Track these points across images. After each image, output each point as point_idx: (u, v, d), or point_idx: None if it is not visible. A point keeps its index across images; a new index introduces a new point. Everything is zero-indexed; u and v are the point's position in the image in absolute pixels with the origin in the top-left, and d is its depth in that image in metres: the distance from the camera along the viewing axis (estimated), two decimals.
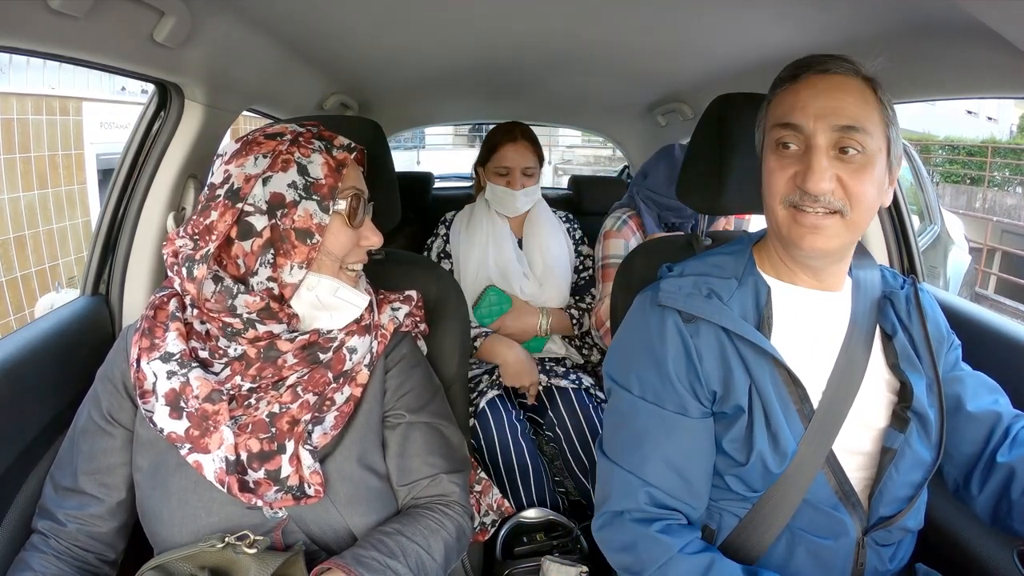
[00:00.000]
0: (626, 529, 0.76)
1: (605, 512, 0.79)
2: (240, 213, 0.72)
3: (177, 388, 0.73)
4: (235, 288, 0.72)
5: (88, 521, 0.77)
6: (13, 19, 0.69)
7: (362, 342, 0.82)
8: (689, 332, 0.78)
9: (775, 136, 0.75)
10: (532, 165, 1.60)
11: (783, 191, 0.74)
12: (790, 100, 0.74)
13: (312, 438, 0.76)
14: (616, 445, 0.81)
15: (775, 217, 0.76)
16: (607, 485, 0.80)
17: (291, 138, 0.77)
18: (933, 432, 0.78)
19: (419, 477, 0.83)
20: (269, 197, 0.73)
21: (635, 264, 1.05)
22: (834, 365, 0.77)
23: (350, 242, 0.79)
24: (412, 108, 2.32)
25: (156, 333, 0.77)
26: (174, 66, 1.01)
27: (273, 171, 0.74)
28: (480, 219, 1.62)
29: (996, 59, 0.81)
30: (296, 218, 0.74)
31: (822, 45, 1.03)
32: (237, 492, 0.71)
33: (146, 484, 0.76)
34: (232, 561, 0.71)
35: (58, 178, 4.62)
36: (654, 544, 0.74)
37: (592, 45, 1.33)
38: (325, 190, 0.75)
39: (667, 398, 0.77)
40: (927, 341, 0.80)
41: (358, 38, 1.29)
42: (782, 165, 0.74)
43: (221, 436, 0.72)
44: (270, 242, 0.74)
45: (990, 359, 0.98)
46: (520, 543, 1.16)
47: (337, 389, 0.80)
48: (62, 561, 0.75)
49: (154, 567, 0.73)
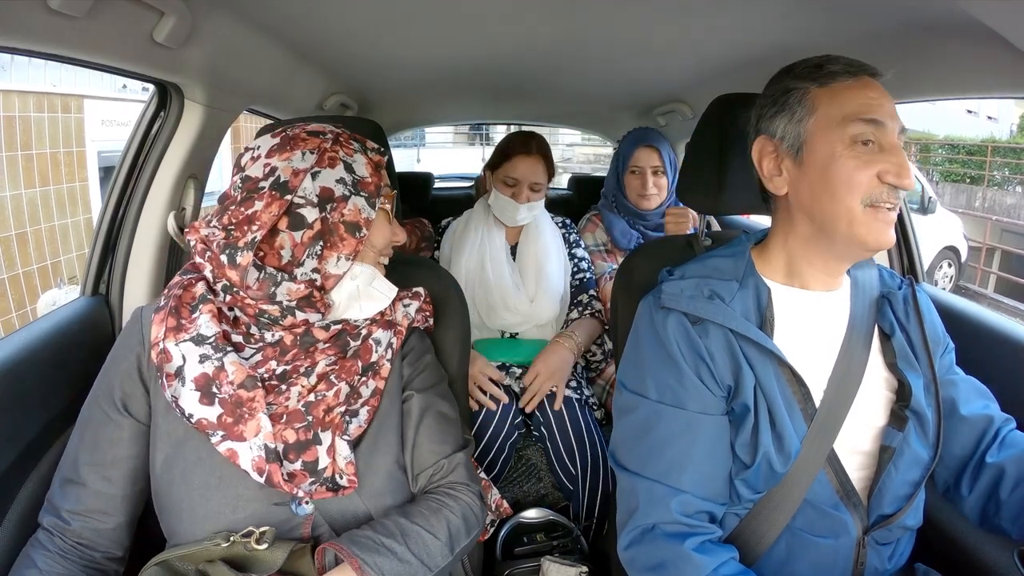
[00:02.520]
0: (658, 546, 0.73)
1: (634, 528, 0.75)
2: (290, 205, 0.75)
3: (210, 373, 0.72)
4: (279, 276, 0.75)
5: (92, 517, 0.75)
6: (13, 19, 0.69)
7: (385, 335, 0.86)
8: (698, 333, 0.77)
9: (853, 131, 0.72)
10: (541, 181, 1.56)
11: (867, 188, 0.72)
12: (860, 97, 0.73)
13: (349, 428, 0.77)
14: (637, 455, 0.78)
15: (850, 215, 0.73)
16: (632, 498, 0.77)
17: (333, 137, 0.81)
18: (931, 430, 0.78)
19: (427, 466, 0.85)
20: (319, 191, 0.77)
21: (635, 265, 1.05)
22: (835, 364, 0.78)
23: (388, 236, 0.86)
24: (412, 108, 2.32)
25: (183, 313, 0.76)
26: (174, 66, 1.01)
27: (321, 167, 0.78)
28: (477, 226, 1.60)
29: (996, 59, 0.81)
30: (346, 212, 0.78)
31: (822, 45, 1.03)
32: (279, 481, 0.70)
33: (164, 478, 0.74)
34: (242, 555, 0.70)
35: (60, 175, 4.62)
36: (687, 564, 0.70)
37: (592, 46, 1.33)
38: (372, 188, 0.81)
39: (688, 399, 0.76)
40: (924, 342, 0.81)
41: (358, 38, 1.28)
42: (867, 161, 0.72)
43: (259, 423, 0.71)
44: (320, 234, 0.77)
45: (987, 358, 0.99)
46: (520, 543, 1.16)
47: (364, 382, 0.82)
48: (67, 560, 0.73)
49: (158, 563, 0.72)
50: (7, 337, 0.90)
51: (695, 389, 0.76)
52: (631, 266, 1.06)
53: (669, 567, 0.71)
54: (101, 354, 0.84)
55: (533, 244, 1.59)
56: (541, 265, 1.56)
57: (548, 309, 1.55)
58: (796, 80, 0.77)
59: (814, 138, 0.75)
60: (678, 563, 0.71)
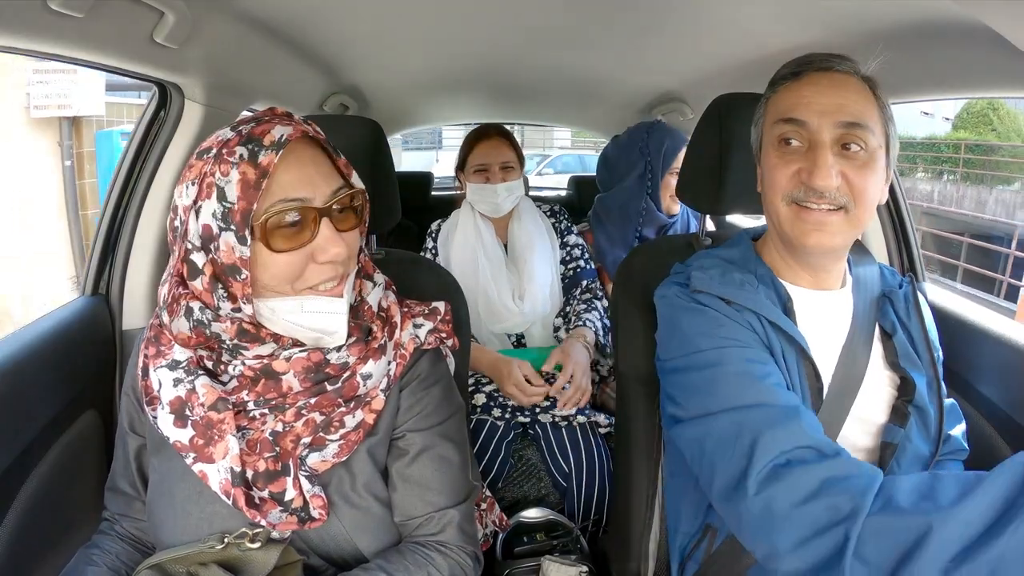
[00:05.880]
0: (806, 472, 0.61)
1: (759, 471, 0.62)
2: (185, 252, 0.67)
3: (183, 395, 0.71)
4: (204, 317, 0.68)
5: (134, 517, 0.81)
6: (13, 19, 0.69)
7: (378, 366, 0.75)
8: (735, 310, 0.76)
9: (777, 132, 0.75)
10: (510, 160, 1.59)
11: (786, 187, 0.74)
12: (793, 96, 0.74)
13: (307, 463, 0.71)
14: (708, 399, 0.70)
15: (776, 214, 0.76)
16: (734, 441, 0.65)
17: (216, 151, 0.65)
18: (932, 426, 0.78)
19: (415, 515, 0.76)
20: (201, 231, 0.65)
21: (635, 265, 1.05)
22: (837, 362, 0.78)
23: (292, 267, 0.67)
24: (412, 108, 2.32)
25: (162, 340, 0.75)
26: (174, 66, 1.00)
27: (201, 199, 0.65)
28: (465, 225, 1.59)
29: (996, 59, 0.81)
30: (222, 253, 0.65)
31: (822, 44, 1.03)
32: (244, 505, 0.68)
33: (154, 490, 0.76)
34: (236, 557, 0.70)
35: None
36: (854, 470, 0.60)
37: (592, 45, 1.33)
38: (238, 217, 0.63)
39: (749, 342, 0.73)
40: (926, 340, 0.81)
41: (358, 38, 1.28)
42: (785, 161, 0.74)
43: (227, 446, 0.69)
44: (215, 277, 0.66)
45: (983, 358, 0.99)
46: (520, 543, 1.16)
47: (348, 412, 0.73)
48: (125, 541, 0.81)
49: (151, 566, 0.72)
50: (7, 337, 0.90)
51: (750, 337, 0.74)
52: (631, 266, 1.06)
53: (833, 486, 0.59)
54: (101, 354, 0.84)
55: (524, 237, 1.58)
56: (527, 258, 1.56)
57: (541, 303, 1.54)
58: (772, 83, 0.80)
59: (763, 140, 0.79)
60: (844, 473, 0.60)
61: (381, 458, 0.78)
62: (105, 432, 1.03)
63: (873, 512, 0.56)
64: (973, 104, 13.64)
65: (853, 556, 0.55)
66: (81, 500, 0.95)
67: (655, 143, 1.66)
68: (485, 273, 1.53)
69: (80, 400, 0.97)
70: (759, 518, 0.62)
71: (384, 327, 0.78)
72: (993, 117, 13.42)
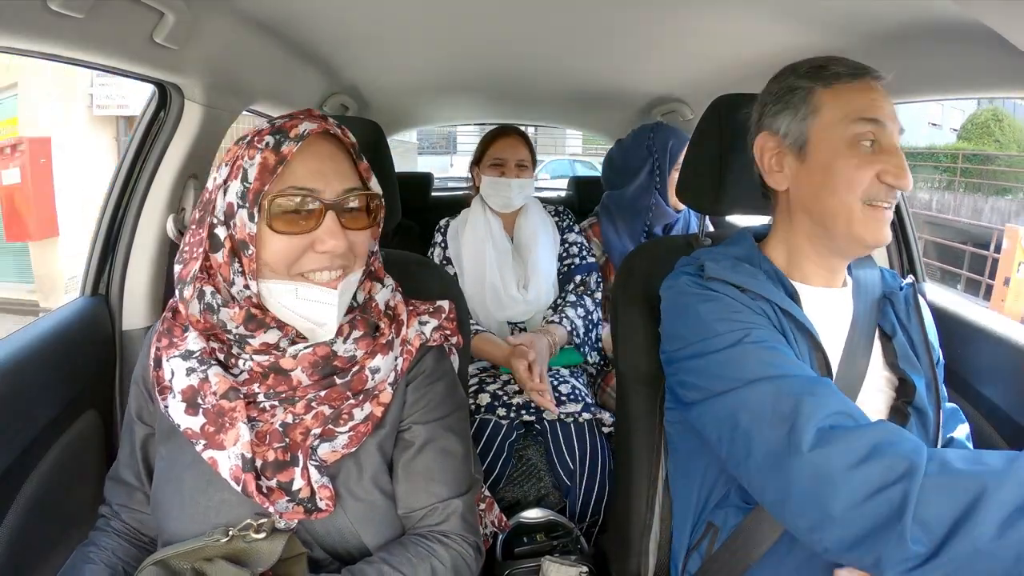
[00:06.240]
0: (855, 434, 0.60)
1: (807, 432, 0.61)
2: (210, 226, 0.71)
3: (196, 384, 0.73)
4: (215, 302, 0.71)
5: (135, 509, 0.81)
6: (13, 19, 0.69)
7: (385, 360, 0.77)
8: (749, 298, 0.77)
9: (856, 130, 0.74)
10: (525, 159, 1.66)
11: (867, 187, 0.74)
12: (864, 97, 0.75)
13: (317, 453, 0.73)
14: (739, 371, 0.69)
15: (848, 213, 0.75)
16: (773, 406, 0.64)
17: (249, 138, 0.71)
18: (931, 428, 0.78)
19: (419, 507, 0.78)
20: (225, 207, 0.70)
21: (635, 265, 1.05)
22: (839, 362, 0.78)
23: (290, 250, 0.70)
24: (412, 108, 2.33)
25: (175, 332, 0.78)
26: (174, 66, 1.01)
27: (230, 179, 0.70)
28: (476, 219, 1.65)
29: (996, 59, 0.81)
30: (237, 228, 0.70)
31: (822, 45, 1.03)
32: (253, 491, 0.69)
33: (161, 477, 0.77)
34: (241, 549, 0.70)
35: None
36: (901, 434, 0.59)
37: (592, 46, 1.33)
38: (251, 196, 0.69)
39: (766, 326, 0.74)
40: (926, 343, 0.82)
41: (358, 39, 1.29)
42: (868, 161, 0.74)
43: (237, 432, 0.71)
44: (233, 251, 0.71)
45: (983, 358, 0.99)
46: (520, 543, 1.16)
47: (357, 405, 0.76)
48: (122, 538, 0.81)
49: (155, 562, 0.71)
50: (7, 337, 0.90)
51: (765, 323, 0.75)
52: (631, 266, 1.06)
53: (888, 448, 0.58)
54: (101, 354, 0.84)
55: (528, 231, 1.65)
56: (532, 249, 1.62)
57: (544, 293, 1.60)
58: (800, 79, 0.78)
59: (817, 136, 0.76)
60: (893, 436, 0.59)
61: (388, 452, 0.79)
62: (105, 432, 1.03)
63: (930, 472, 0.55)
64: (977, 115, 13.78)
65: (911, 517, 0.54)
66: (81, 500, 0.95)
67: (660, 141, 1.71)
68: (492, 263, 1.59)
69: (80, 400, 0.98)
70: (811, 481, 0.60)
71: (391, 324, 0.81)
72: (995, 128, 13.47)
